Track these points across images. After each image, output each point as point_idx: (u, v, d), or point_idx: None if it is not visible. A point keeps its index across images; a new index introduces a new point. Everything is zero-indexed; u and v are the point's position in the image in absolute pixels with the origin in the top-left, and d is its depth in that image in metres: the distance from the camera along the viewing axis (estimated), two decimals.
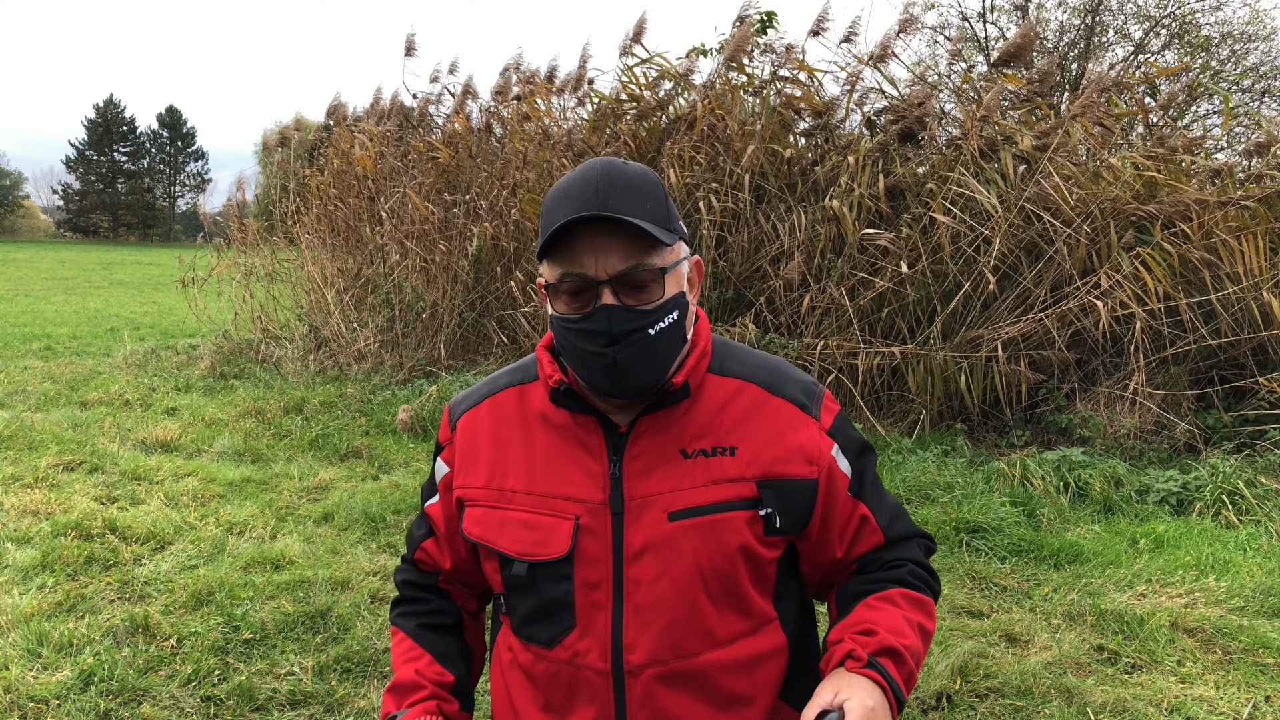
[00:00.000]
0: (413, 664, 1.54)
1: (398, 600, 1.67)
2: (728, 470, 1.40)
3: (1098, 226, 7.22)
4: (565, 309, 1.36)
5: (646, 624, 1.38)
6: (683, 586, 1.38)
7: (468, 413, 1.55)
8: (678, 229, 1.40)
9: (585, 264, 1.32)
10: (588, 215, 1.29)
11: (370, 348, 9.76)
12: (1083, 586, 4.54)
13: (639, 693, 1.39)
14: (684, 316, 1.40)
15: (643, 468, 1.40)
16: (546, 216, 1.35)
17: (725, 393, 1.45)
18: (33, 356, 11.18)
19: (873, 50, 8.51)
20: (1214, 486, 5.69)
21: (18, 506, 5.37)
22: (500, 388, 1.55)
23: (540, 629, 1.43)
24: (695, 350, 1.45)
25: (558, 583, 1.40)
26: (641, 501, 1.39)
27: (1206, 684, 3.65)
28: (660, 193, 1.37)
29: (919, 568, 1.53)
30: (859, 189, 7.69)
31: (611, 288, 1.32)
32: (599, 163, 1.36)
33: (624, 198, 1.31)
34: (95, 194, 75.72)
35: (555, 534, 1.40)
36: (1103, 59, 20.78)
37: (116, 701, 3.35)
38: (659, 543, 1.38)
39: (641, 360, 1.34)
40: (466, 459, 1.51)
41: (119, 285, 25.04)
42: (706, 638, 1.40)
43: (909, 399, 7.37)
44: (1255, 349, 6.96)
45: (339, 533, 5.22)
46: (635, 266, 1.32)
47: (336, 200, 11.41)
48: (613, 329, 1.32)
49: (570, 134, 9.52)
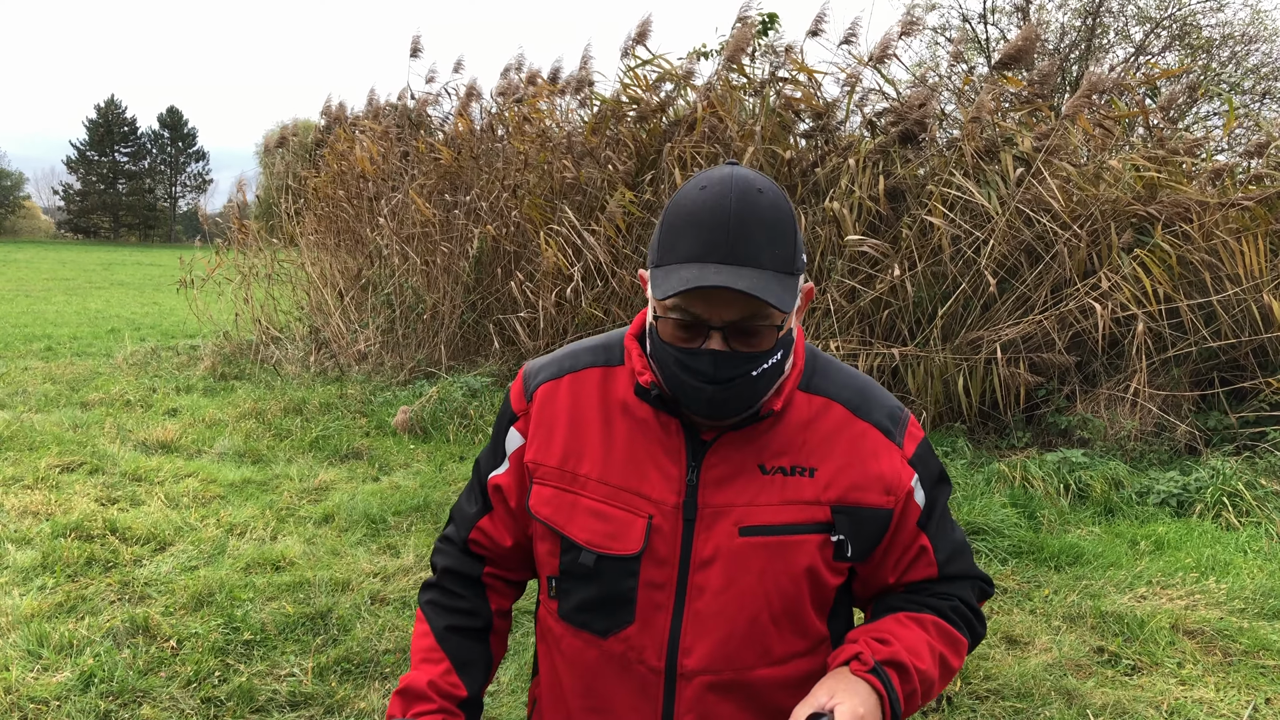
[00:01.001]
0: (429, 669, 1.52)
1: (432, 584, 1.61)
2: (804, 492, 1.37)
3: (1098, 228, 7.22)
4: (670, 335, 1.31)
5: (705, 632, 1.37)
6: (745, 602, 1.37)
7: (547, 384, 1.49)
8: (800, 264, 1.33)
9: (698, 308, 1.27)
10: (711, 285, 1.22)
11: (371, 349, 9.76)
12: (1083, 588, 4.54)
13: (689, 696, 1.39)
14: (788, 353, 1.36)
15: (720, 477, 1.38)
16: (668, 234, 1.29)
17: (810, 411, 1.42)
18: (33, 357, 11.18)
19: (873, 51, 8.51)
20: (1214, 488, 5.69)
21: (18, 507, 5.37)
22: (583, 365, 1.49)
23: (597, 619, 1.42)
24: (793, 371, 1.41)
25: (623, 578, 1.38)
26: (715, 511, 1.37)
27: (1207, 686, 3.65)
28: (790, 227, 1.30)
29: (965, 607, 1.50)
30: (859, 191, 7.69)
31: (723, 334, 1.27)
32: (735, 189, 1.26)
33: (754, 243, 1.25)
34: (96, 194, 75.75)
35: (629, 530, 1.38)
36: (1104, 60, 20.80)
37: (117, 703, 3.36)
38: (727, 555, 1.36)
39: (740, 398, 1.31)
40: (542, 433, 1.47)
41: (120, 286, 25.05)
42: (764, 655, 1.39)
43: (910, 400, 7.37)
44: (1256, 350, 6.96)
45: (339, 534, 5.22)
46: (752, 316, 1.27)
47: (336, 202, 11.41)
48: (717, 374, 1.28)
49: (570, 136, 9.53)
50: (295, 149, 12.92)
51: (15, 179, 77.60)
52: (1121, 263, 7.01)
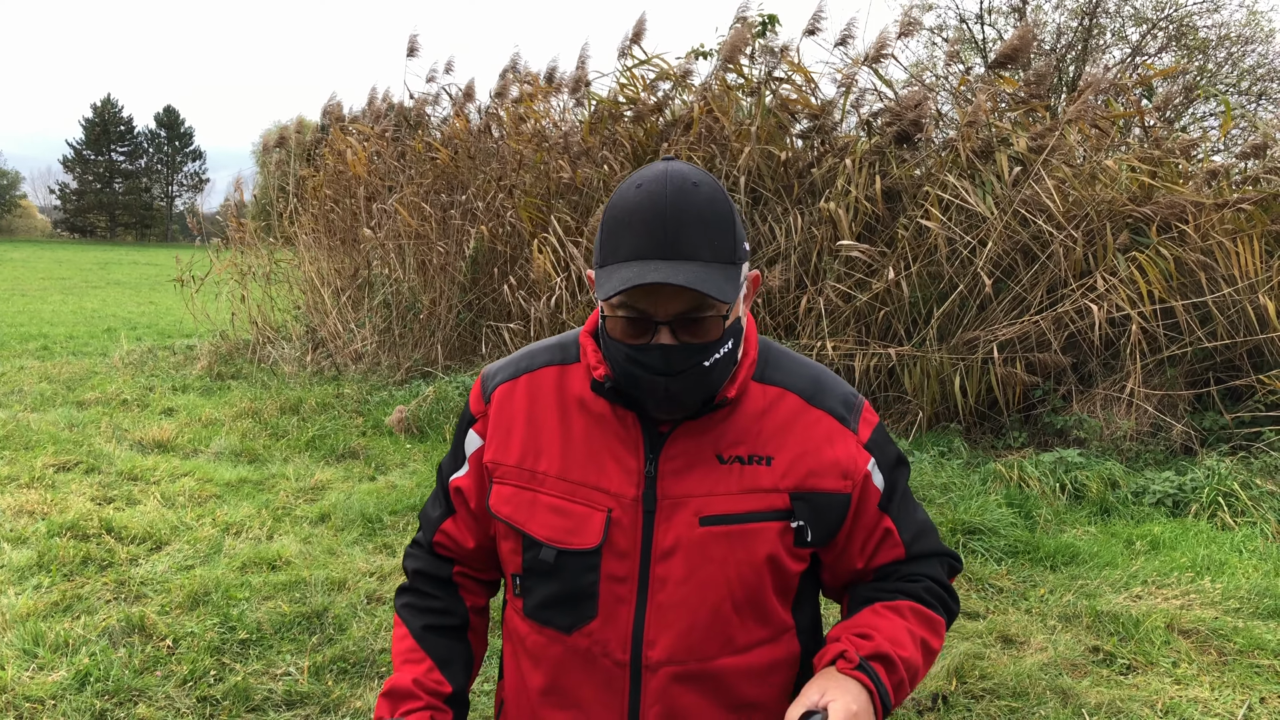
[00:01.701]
0: (412, 669, 1.53)
1: (406, 588, 1.63)
2: (762, 480, 1.39)
3: (1093, 228, 7.23)
4: (619, 333, 1.33)
5: (668, 623, 1.39)
6: (707, 592, 1.38)
7: (504, 385, 1.51)
8: (743, 253, 1.35)
9: (643, 304, 1.29)
10: (650, 282, 1.24)
11: (367, 348, 9.76)
12: (1079, 588, 4.55)
13: (655, 688, 1.40)
14: (739, 341, 1.38)
15: (678, 468, 1.39)
16: (609, 237, 1.31)
17: (765, 400, 1.44)
18: (29, 356, 11.16)
19: (869, 51, 8.52)
20: (1210, 488, 5.70)
21: (14, 506, 5.36)
22: (539, 364, 1.51)
23: (560, 615, 1.43)
24: (745, 361, 1.43)
25: (584, 573, 1.40)
26: (674, 501, 1.38)
27: (1202, 685, 3.66)
28: (728, 218, 1.32)
29: (937, 585, 1.51)
30: (855, 191, 7.70)
31: (670, 328, 1.30)
32: (671, 185, 1.29)
33: (692, 237, 1.27)
34: (92, 194, 75.63)
35: (587, 524, 1.39)
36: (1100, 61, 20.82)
37: (112, 702, 3.35)
38: (688, 545, 1.38)
39: (694, 389, 1.33)
40: (500, 433, 1.49)
41: (116, 285, 25.01)
42: (727, 644, 1.41)
43: (906, 400, 7.38)
44: (1251, 351, 6.98)
45: (335, 533, 5.21)
46: (696, 309, 1.29)
47: (332, 201, 11.40)
48: (669, 367, 1.30)
49: (567, 136, 9.53)
50: (293, 149, 12.90)
51: (11, 178, 77.49)
52: (1118, 263, 7.02)
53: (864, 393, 7.45)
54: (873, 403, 7.51)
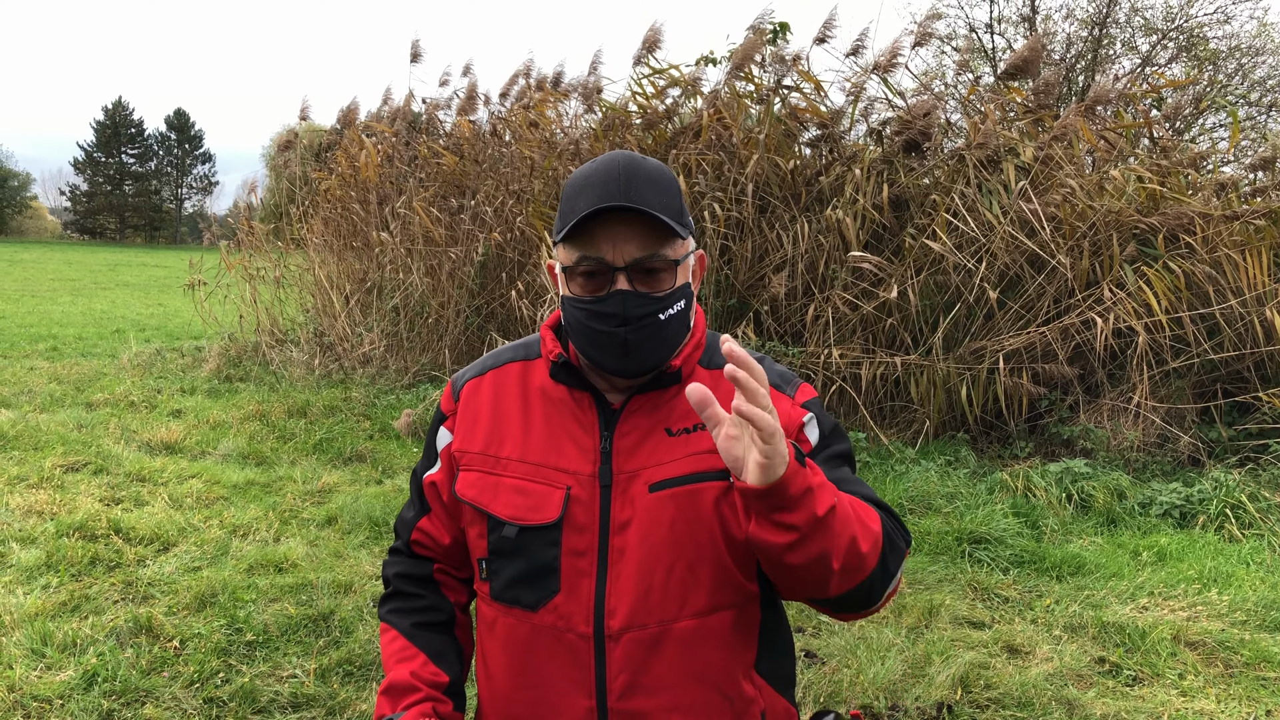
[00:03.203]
0: (407, 664, 1.56)
1: (389, 595, 1.67)
2: (705, 443, 1.45)
3: (1100, 239, 7.22)
4: (580, 291, 1.43)
5: (626, 590, 1.43)
6: (661, 553, 1.43)
7: (471, 382, 1.61)
8: (688, 224, 1.48)
9: (603, 250, 1.39)
10: (611, 206, 1.35)
11: (375, 352, 9.78)
12: (1085, 598, 4.54)
13: (619, 656, 1.43)
14: (690, 306, 1.48)
15: (632, 444, 1.47)
16: (567, 202, 1.42)
17: (710, 381, 1.51)
18: (39, 357, 11.21)
19: (880, 59, 8.52)
20: (1217, 500, 5.68)
21: (23, 506, 5.39)
22: (504, 361, 1.61)
23: (526, 592, 1.47)
24: (693, 340, 1.52)
25: (545, 548, 1.45)
26: (629, 475, 1.45)
27: (1208, 698, 3.65)
28: (676, 188, 1.45)
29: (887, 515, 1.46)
30: (863, 199, 7.70)
31: (627, 274, 1.40)
32: (620, 155, 1.43)
33: (644, 190, 1.38)
34: (102, 195, 75.95)
35: (547, 501, 1.46)
36: (1109, 71, 20.80)
37: (119, 702, 3.37)
38: (642, 513, 1.44)
39: (651, 342, 1.42)
40: (466, 424, 1.57)
41: (125, 287, 25.11)
42: (685, 606, 1.44)
43: (912, 409, 7.38)
44: (1258, 364, 6.96)
45: (342, 536, 5.23)
46: (651, 255, 1.40)
47: (343, 205, 11.43)
48: (627, 312, 1.39)
49: (578, 143, 9.55)
50: (303, 151, 12.94)
51: (22, 179, 77.78)
52: (1125, 275, 7.00)
53: (870, 401, 7.45)
54: (879, 411, 7.51)
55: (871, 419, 7.34)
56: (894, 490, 5.99)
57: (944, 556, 5.08)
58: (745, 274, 8.20)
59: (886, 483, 6.20)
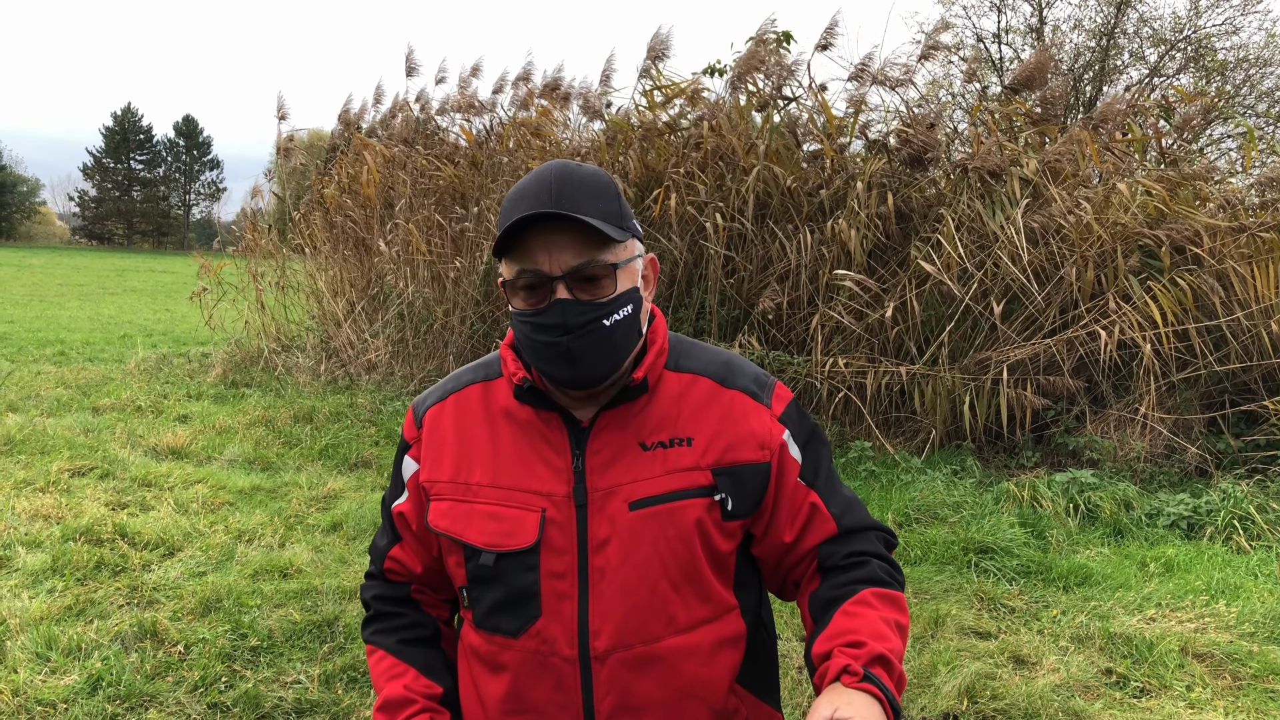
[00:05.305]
0: (399, 680, 1.55)
1: (371, 618, 1.66)
2: (684, 460, 1.44)
3: (1105, 251, 7.21)
4: (523, 304, 1.42)
5: (610, 610, 1.42)
6: (644, 572, 1.42)
7: (433, 408, 1.58)
8: (631, 227, 1.45)
9: (540, 260, 1.38)
10: (540, 213, 1.34)
11: (381, 358, 9.80)
12: (1092, 609, 4.52)
13: (605, 677, 1.42)
14: (639, 310, 1.46)
15: (604, 461, 1.45)
16: (503, 216, 1.41)
17: (680, 386, 1.50)
18: (46, 361, 11.25)
19: (885, 70, 8.52)
20: (1225, 511, 5.66)
21: (29, 510, 5.40)
22: (464, 384, 1.58)
23: (506, 619, 1.46)
24: (654, 348, 1.50)
25: (524, 573, 1.44)
26: (604, 493, 1.44)
27: (1216, 710, 3.63)
28: (613, 191, 1.43)
29: (883, 562, 1.53)
30: (865, 212, 7.69)
31: (565, 283, 1.38)
32: (554, 164, 1.42)
33: (576, 196, 1.37)
34: (111, 201, 76.36)
35: (522, 525, 1.44)
36: (1117, 82, 20.81)
37: (124, 707, 3.37)
38: (621, 532, 1.42)
39: (596, 349, 1.39)
40: (432, 453, 1.54)
41: (133, 292, 25.19)
42: (669, 624, 1.44)
43: (918, 418, 7.36)
44: (1265, 375, 6.94)
45: (347, 542, 5.23)
46: (587, 262, 1.38)
47: (346, 211, 11.45)
48: (567, 321, 1.37)
49: (579, 151, 9.56)
50: (309, 159, 12.98)
51: (32, 185, 78.21)
52: (1130, 287, 6.99)
53: (875, 411, 7.44)
54: (884, 421, 7.49)
55: (877, 428, 7.32)
56: (899, 500, 5.98)
57: (950, 566, 5.06)
58: (748, 285, 8.20)
59: (892, 492, 6.18)
